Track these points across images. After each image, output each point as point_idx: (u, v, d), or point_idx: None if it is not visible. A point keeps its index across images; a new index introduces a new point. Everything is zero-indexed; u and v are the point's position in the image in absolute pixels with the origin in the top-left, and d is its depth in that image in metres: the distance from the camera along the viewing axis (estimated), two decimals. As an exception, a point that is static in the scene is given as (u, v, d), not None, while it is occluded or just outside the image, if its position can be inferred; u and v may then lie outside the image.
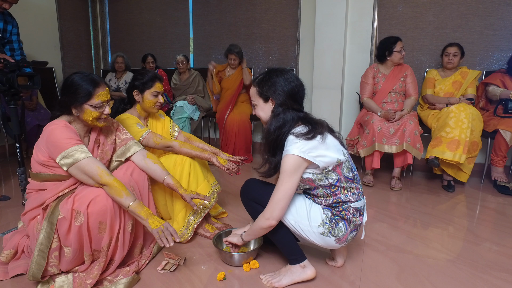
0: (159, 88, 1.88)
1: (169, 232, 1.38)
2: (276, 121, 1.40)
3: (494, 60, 3.27)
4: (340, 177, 1.39)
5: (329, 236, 1.41)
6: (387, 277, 1.55)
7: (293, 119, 1.40)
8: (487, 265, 1.66)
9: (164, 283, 1.48)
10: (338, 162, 1.37)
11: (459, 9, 3.31)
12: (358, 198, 1.44)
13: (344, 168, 1.40)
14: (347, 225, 1.41)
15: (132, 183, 1.54)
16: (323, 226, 1.41)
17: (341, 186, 1.40)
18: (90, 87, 1.40)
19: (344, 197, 1.41)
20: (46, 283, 1.41)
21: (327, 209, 1.43)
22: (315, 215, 1.42)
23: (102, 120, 1.47)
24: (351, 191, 1.42)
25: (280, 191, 1.34)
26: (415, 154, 2.73)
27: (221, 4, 4.27)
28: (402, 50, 2.87)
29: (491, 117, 2.85)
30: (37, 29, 4.17)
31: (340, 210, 1.41)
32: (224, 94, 3.76)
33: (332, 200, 1.41)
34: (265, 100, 1.44)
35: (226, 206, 2.34)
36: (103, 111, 1.44)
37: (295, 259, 1.49)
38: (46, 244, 1.36)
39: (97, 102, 1.41)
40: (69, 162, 1.37)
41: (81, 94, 1.39)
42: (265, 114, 1.46)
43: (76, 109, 1.42)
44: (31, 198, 1.47)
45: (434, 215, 2.27)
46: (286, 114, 1.40)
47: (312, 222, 1.41)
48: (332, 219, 1.41)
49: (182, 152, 1.87)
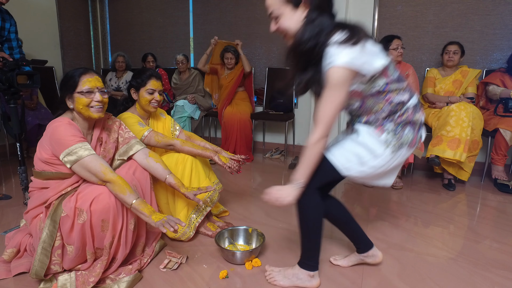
0: (155, 86, 1.86)
1: (172, 220, 1.35)
2: (312, 29, 1.18)
3: (494, 59, 3.28)
4: (387, 80, 1.25)
5: (400, 148, 1.28)
6: (389, 275, 1.56)
7: (330, 25, 1.19)
8: (487, 263, 1.67)
9: (166, 282, 1.49)
10: (383, 66, 1.21)
11: (459, 8, 3.32)
12: (411, 95, 1.31)
13: (390, 70, 1.25)
14: (412, 127, 1.29)
15: (135, 181, 1.54)
16: (388, 145, 1.27)
17: (390, 90, 1.26)
18: (76, 75, 1.43)
19: (398, 99, 1.27)
20: (49, 281, 1.41)
21: (387, 122, 1.29)
22: (372, 143, 1.29)
23: (96, 109, 1.44)
24: (402, 91, 1.28)
25: (328, 108, 1.19)
26: (416, 153, 2.73)
27: (221, 4, 4.27)
28: (398, 47, 2.88)
29: (491, 116, 2.85)
30: (37, 29, 4.17)
31: (401, 115, 1.28)
32: (223, 93, 3.81)
33: (388, 109, 1.27)
34: (295, 4, 1.21)
35: (227, 205, 2.35)
36: (93, 98, 1.43)
37: (308, 265, 1.44)
38: (49, 242, 1.36)
39: (84, 88, 1.41)
40: (73, 159, 1.37)
41: (70, 84, 1.42)
42: (294, 23, 1.22)
43: (69, 101, 1.44)
44: (34, 196, 1.48)
45: (435, 214, 2.28)
46: (323, 20, 1.19)
47: (376, 150, 1.28)
48: (396, 130, 1.28)
49: (184, 150, 1.87)
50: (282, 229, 2.01)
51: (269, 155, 3.83)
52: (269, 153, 3.87)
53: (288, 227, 2.05)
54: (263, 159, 3.76)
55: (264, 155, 3.89)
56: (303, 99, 4.02)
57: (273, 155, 3.82)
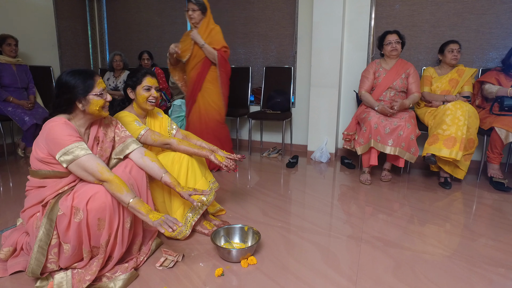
0: (150, 82, 1.87)
1: (170, 220, 1.40)
2: None
3: (490, 58, 3.30)
4: None
5: None
6: (384, 273, 1.57)
7: None
8: (483, 261, 1.68)
9: (162, 280, 1.49)
10: None
11: (455, 7, 3.33)
12: None
13: None
14: None
15: (131, 180, 1.54)
16: None
17: None
18: (89, 78, 1.45)
19: None
20: (45, 279, 1.41)
21: None
22: None
23: (106, 108, 1.52)
24: None
25: None
26: (408, 158, 2.75)
27: (218, 3, 4.28)
28: (392, 42, 2.90)
29: (487, 115, 2.87)
30: (34, 28, 4.16)
31: None
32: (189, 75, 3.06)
33: None
34: None
35: (224, 204, 2.35)
36: (105, 98, 1.49)
37: None
38: (45, 240, 1.36)
39: (99, 90, 1.46)
40: (69, 159, 1.37)
41: (83, 87, 1.42)
42: None
43: (82, 103, 1.44)
44: (31, 195, 1.48)
45: (431, 212, 2.29)
46: None
47: None
48: None
49: (180, 149, 1.88)
50: (278, 227, 2.02)
51: (267, 154, 3.84)
52: (267, 152, 3.88)
53: (284, 225, 2.05)
54: (261, 158, 3.77)
55: (261, 154, 3.89)
56: (301, 98, 4.03)
57: (271, 154, 3.83)
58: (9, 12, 2.58)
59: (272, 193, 2.62)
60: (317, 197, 2.56)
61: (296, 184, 2.92)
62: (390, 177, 2.96)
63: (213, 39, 3.00)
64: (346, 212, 2.29)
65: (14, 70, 3.56)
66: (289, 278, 1.52)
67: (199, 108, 3.09)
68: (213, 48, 2.96)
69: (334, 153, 3.68)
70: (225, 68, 3.06)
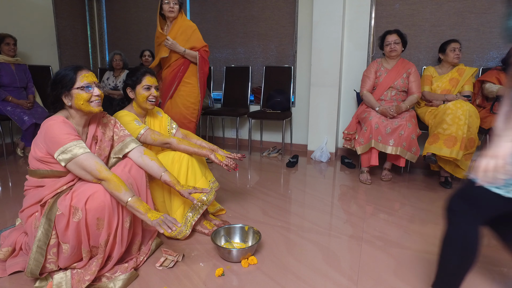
0: (150, 81, 1.86)
1: (169, 220, 1.39)
2: None
3: (491, 57, 3.29)
4: None
5: None
6: (385, 272, 1.56)
7: None
8: (484, 260, 1.67)
9: (162, 280, 1.48)
10: None
11: (455, 7, 3.32)
12: None
13: None
14: None
15: (131, 180, 1.53)
16: None
17: None
18: (72, 72, 1.43)
19: None
20: (44, 279, 1.41)
21: None
22: None
23: (95, 103, 1.46)
24: None
25: None
26: (409, 158, 2.75)
27: (218, 3, 4.27)
28: (391, 43, 2.90)
29: (487, 114, 2.86)
30: (33, 28, 4.15)
31: None
32: (165, 73, 2.93)
33: None
34: None
35: (224, 203, 2.34)
36: (92, 93, 1.44)
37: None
38: (44, 240, 1.36)
39: (82, 83, 1.42)
40: (67, 158, 1.36)
41: (66, 81, 1.41)
42: None
43: (67, 98, 1.43)
44: (29, 195, 1.47)
45: (432, 211, 2.28)
46: None
47: None
48: None
49: (180, 148, 1.87)
50: (279, 227, 2.01)
51: (267, 154, 3.83)
52: (267, 152, 3.87)
53: (284, 225, 2.05)
54: (261, 157, 3.76)
55: (261, 153, 3.89)
56: (301, 98, 4.02)
57: (271, 154, 3.82)
58: (8, 11, 2.57)
59: (272, 192, 2.62)
60: (317, 196, 2.56)
61: (296, 184, 2.92)
62: (391, 176, 2.95)
63: (193, 38, 2.91)
64: (347, 212, 2.28)
65: (13, 69, 3.55)
66: (289, 278, 1.51)
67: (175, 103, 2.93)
68: (193, 47, 2.87)
69: (334, 152, 3.67)
70: (203, 69, 2.93)
